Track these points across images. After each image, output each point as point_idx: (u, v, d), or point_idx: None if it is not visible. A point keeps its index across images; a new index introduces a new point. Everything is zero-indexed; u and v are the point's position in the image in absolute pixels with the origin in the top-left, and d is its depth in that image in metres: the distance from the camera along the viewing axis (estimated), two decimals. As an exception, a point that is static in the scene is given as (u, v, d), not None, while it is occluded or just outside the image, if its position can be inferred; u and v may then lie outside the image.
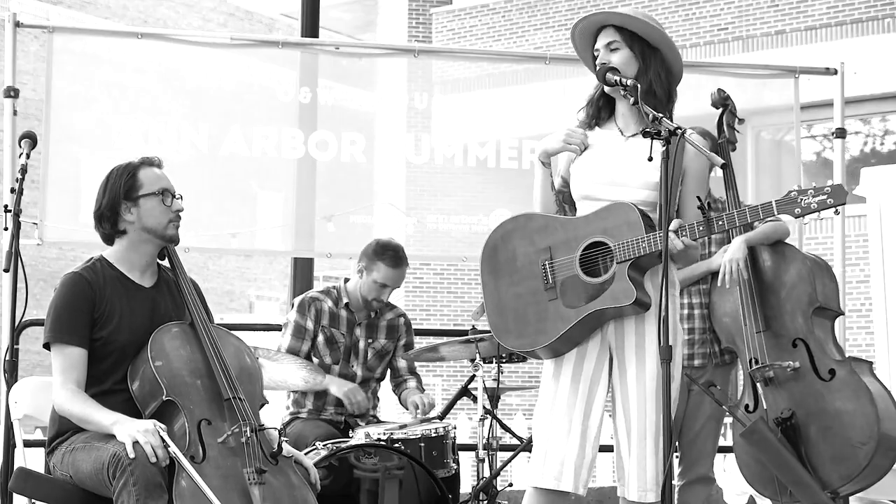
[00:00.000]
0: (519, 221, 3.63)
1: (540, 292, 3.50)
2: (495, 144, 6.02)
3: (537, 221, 3.60)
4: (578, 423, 3.49)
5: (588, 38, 3.67)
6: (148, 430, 3.34)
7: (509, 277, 3.56)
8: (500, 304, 3.56)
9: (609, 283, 3.43)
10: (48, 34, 5.56)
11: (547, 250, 3.52)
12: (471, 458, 5.10)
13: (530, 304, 3.51)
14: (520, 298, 3.53)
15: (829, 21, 13.39)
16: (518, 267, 3.56)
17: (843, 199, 3.31)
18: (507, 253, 3.58)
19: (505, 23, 15.22)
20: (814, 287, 4.51)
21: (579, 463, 3.49)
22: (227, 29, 23.61)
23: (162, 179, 3.76)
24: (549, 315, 3.47)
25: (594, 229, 3.48)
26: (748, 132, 8.45)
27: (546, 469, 3.50)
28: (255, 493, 3.36)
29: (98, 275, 3.67)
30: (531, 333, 3.50)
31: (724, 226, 3.44)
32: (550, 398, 3.54)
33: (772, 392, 4.48)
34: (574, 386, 3.51)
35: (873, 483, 4.46)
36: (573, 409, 3.50)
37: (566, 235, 3.52)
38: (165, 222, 3.72)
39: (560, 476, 3.48)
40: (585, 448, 3.50)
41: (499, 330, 3.56)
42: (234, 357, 3.70)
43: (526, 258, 3.55)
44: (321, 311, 5.01)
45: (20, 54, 5.58)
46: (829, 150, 12.64)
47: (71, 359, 3.58)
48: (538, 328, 3.48)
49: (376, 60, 6.22)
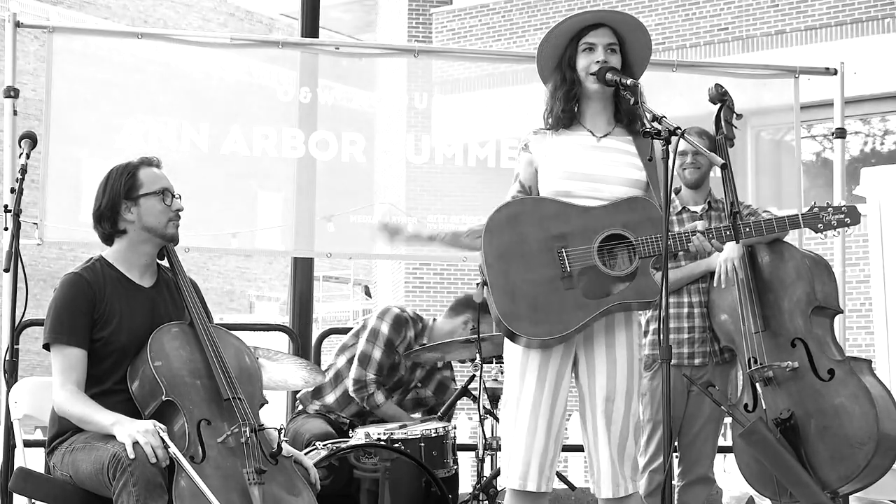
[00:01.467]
0: (527, 205, 3.56)
1: (556, 280, 3.45)
2: (495, 144, 6.02)
3: (549, 207, 3.53)
4: (544, 422, 3.50)
5: (572, 33, 3.64)
6: (148, 430, 3.34)
7: (520, 262, 3.47)
8: (512, 290, 3.46)
9: (631, 278, 3.44)
10: (48, 34, 5.56)
11: (562, 238, 3.47)
12: (471, 458, 5.10)
13: (546, 291, 3.45)
14: (535, 285, 3.46)
15: (829, 21, 13.39)
16: (529, 252, 3.48)
17: (857, 220, 3.76)
18: (515, 236, 3.50)
19: (505, 23, 15.22)
20: (812, 286, 4.51)
21: (543, 461, 3.51)
22: (227, 29, 23.61)
23: (162, 179, 3.76)
24: (566, 305, 3.43)
25: (614, 222, 3.47)
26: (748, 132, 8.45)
27: (512, 470, 3.52)
28: (255, 493, 3.36)
29: (98, 275, 3.68)
30: (548, 322, 3.43)
31: (752, 233, 3.69)
32: (516, 398, 3.54)
33: (771, 392, 4.48)
34: (540, 385, 3.51)
35: (873, 483, 4.46)
36: (538, 407, 3.50)
37: (583, 224, 3.48)
38: (165, 221, 3.73)
39: (525, 476, 3.50)
40: (549, 446, 3.51)
41: (509, 316, 3.46)
42: (234, 357, 3.71)
43: (538, 244, 3.48)
44: (406, 337, 4.99)
45: (20, 54, 5.57)
46: (829, 150, 12.63)
47: (70, 359, 3.58)
48: (556, 317, 3.43)
49: (376, 60, 6.22)
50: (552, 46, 3.67)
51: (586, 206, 3.53)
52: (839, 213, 3.75)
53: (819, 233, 3.70)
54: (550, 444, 3.51)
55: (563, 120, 3.64)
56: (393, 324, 4.96)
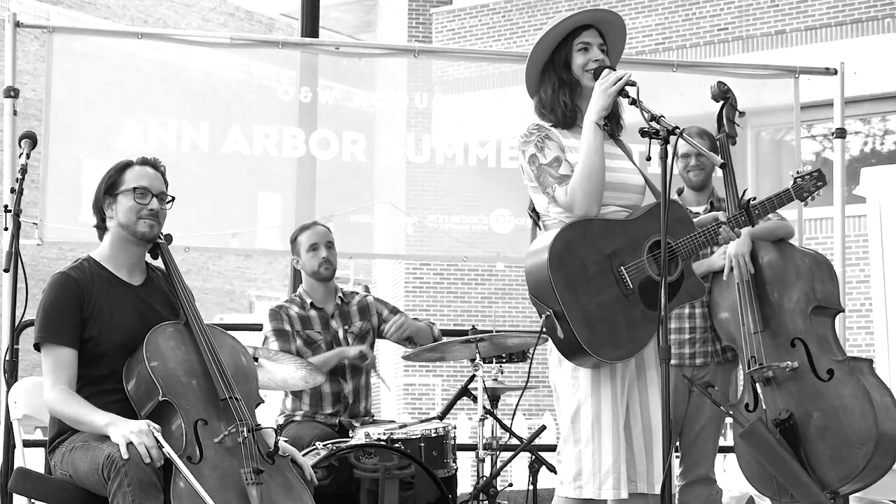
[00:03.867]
0: (577, 230, 3.50)
1: (622, 299, 3.47)
2: (496, 144, 6.02)
3: (596, 227, 3.51)
4: (622, 432, 3.52)
5: (562, 33, 3.64)
6: (142, 430, 3.32)
7: (587, 288, 3.46)
8: (587, 317, 3.45)
9: (681, 281, 3.54)
10: (48, 34, 5.56)
11: (617, 255, 3.49)
12: (471, 458, 5.09)
13: (616, 312, 3.47)
14: (605, 308, 3.46)
15: (829, 21, 13.39)
16: (592, 276, 3.47)
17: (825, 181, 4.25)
18: (575, 262, 3.47)
19: (505, 23, 15.22)
20: (812, 286, 4.51)
21: (628, 469, 3.53)
22: (227, 29, 23.61)
23: (144, 178, 3.72)
24: (637, 320, 3.47)
25: (652, 229, 3.52)
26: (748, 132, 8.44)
27: (605, 480, 3.51)
28: (253, 493, 3.36)
29: (86, 274, 3.67)
30: (627, 342, 3.47)
31: (761, 214, 4.06)
32: (594, 412, 3.53)
33: (771, 392, 4.47)
34: (614, 397, 3.53)
35: (872, 483, 4.46)
36: (618, 419, 3.51)
37: (627, 238, 3.51)
38: (135, 218, 3.69)
39: (619, 484, 3.50)
40: (626, 454, 3.53)
41: (593, 344, 3.43)
42: (230, 357, 3.70)
43: (597, 266, 3.48)
44: (291, 317, 5.02)
45: (20, 54, 5.57)
46: (829, 150, 12.64)
47: (61, 359, 3.57)
48: (632, 336, 3.47)
49: (376, 60, 6.22)
50: (542, 50, 3.66)
51: (623, 220, 3.56)
52: (812, 177, 4.23)
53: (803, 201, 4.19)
54: (625, 451, 3.55)
55: (568, 121, 3.63)
56: (270, 317, 5.03)
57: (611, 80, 3.47)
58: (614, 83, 3.46)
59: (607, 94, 3.46)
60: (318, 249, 5.02)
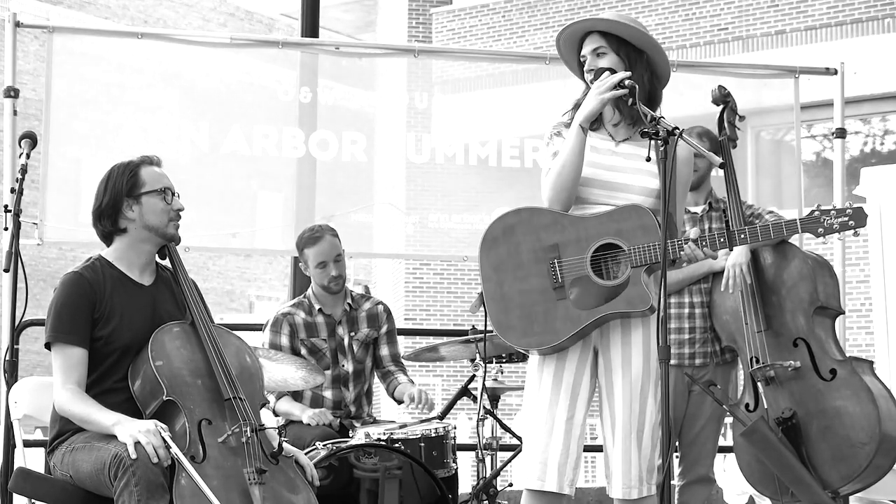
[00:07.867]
0: (522, 215, 3.55)
1: (548, 291, 3.46)
2: (496, 143, 6.02)
3: (544, 217, 3.53)
4: (562, 422, 3.49)
5: (573, 45, 3.65)
6: (150, 430, 3.33)
7: (514, 273, 3.50)
8: (504, 300, 3.50)
9: (623, 287, 3.42)
10: (48, 34, 5.56)
11: (555, 248, 3.48)
12: (471, 458, 5.09)
13: (538, 302, 3.47)
14: (526, 295, 3.48)
15: (829, 21, 13.39)
16: (523, 262, 3.50)
17: (863, 223, 3.46)
18: (510, 247, 3.51)
19: (505, 23, 15.23)
20: (815, 286, 4.51)
21: (563, 462, 3.49)
22: (227, 29, 23.61)
23: (163, 178, 3.76)
24: (558, 315, 3.45)
25: (607, 230, 3.46)
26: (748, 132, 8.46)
27: (530, 470, 3.51)
28: (256, 492, 3.36)
29: (98, 274, 3.67)
30: (538, 332, 3.46)
31: (747, 239, 3.49)
32: (533, 398, 3.55)
33: (772, 391, 4.48)
34: (556, 386, 3.51)
35: (874, 483, 4.46)
36: (555, 407, 3.50)
37: (576, 234, 3.48)
38: (166, 220, 3.73)
39: (543, 476, 3.49)
40: (570, 447, 3.49)
41: (501, 326, 3.50)
42: (235, 357, 3.70)
43: (532, 254, 3.49)
44: (296, 325, 4.97)
45: (20, 54, 5.57)
46: (829, 150, 12.64)
47: (71, 359, 3.58)
48: (547, 328, 3.45)
49: (376, 60, 6.22)
50: (567, 57, 3.69)
51: (581, 216, 3.52)
52: (842, 215, 3.45)
53: (819, 237, 3.49)
54: (571, 445, 3.50)
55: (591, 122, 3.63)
56: (270, 327, 4.97)
57: (606, 86, 3.47)
58: (609, 89, 3.46)
59: (599, 99, 3.48)
60: (327, 266, 4.95)
